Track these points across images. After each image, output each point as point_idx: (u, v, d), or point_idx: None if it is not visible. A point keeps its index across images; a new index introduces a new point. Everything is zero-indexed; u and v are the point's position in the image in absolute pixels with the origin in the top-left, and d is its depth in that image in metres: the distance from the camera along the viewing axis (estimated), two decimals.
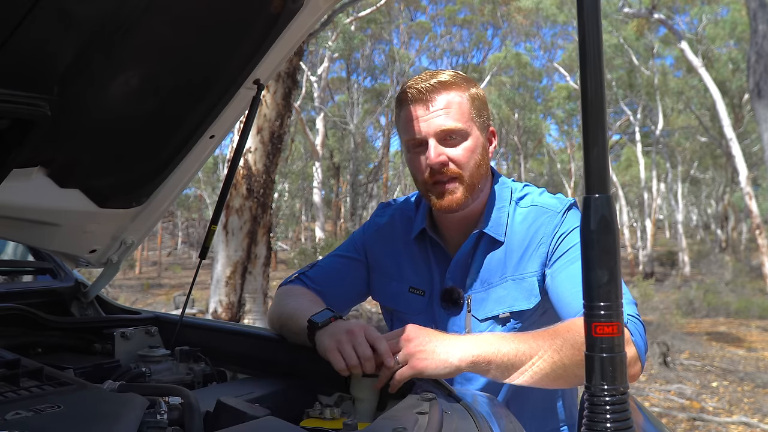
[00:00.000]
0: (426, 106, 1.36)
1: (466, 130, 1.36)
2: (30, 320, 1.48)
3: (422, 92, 1.36)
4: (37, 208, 1.38)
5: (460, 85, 1.39)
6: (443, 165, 1.35)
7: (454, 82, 1.38)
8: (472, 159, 1.37)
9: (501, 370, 1.14)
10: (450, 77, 1.39)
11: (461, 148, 1.36)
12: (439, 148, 1.36)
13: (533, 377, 1.14)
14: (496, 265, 1.40)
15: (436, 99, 1.35)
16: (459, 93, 1.37)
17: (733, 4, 19.35)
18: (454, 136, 1.36)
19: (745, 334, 11.14)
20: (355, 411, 1.17)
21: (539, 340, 1.15)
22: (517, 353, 1.14)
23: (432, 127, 1.35)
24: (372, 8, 19.39)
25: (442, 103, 1.35)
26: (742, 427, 5.80)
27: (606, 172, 0.69)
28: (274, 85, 6.04)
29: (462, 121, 1.36)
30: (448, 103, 1.35)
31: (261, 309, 6.30)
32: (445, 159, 1.35)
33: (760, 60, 7.75)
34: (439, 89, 1.36)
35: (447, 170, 1.36)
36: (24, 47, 1.00)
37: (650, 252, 23.07)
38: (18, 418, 0.84)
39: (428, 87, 1.36)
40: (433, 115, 1.35)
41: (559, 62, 27.24)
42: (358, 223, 24.66)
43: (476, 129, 1.38)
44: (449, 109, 1.35)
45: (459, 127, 1.35)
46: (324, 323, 1.22)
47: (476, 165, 1.38)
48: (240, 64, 1.35)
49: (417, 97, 1.36)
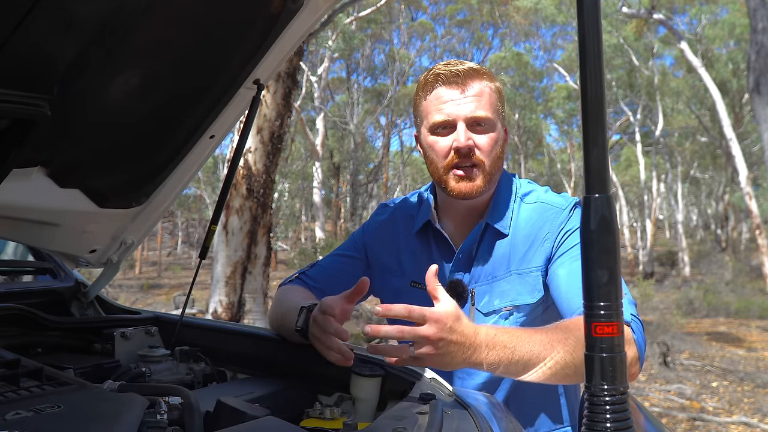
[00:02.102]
0: (461, 89, 1.37)
1: (494, 121, 1.39)
2: (30, 320, 1.48)
3: (457, 75, 1.37)
4: (37, 208, 1.38)
5: (489, 76, 1.41)
6: (471, 149, 1.36)
7: (485, 72, 1.41)
8: (495, 150, 1.39)
9: (512, 372, 1.15)
10: (480, 67, 1.41)
11: (487, 137, 1.38)
12: (468, 132, 1.36)
13: (539, 376, 1.15)
14: (500, 259, 1.41)
15: (471, 84, 1.37)
16: (489, 83, 1.40)
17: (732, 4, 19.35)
18: (483, 124, 1.37)
19: (745, 334, 11.14)
20: (355, 411, 1.18)
21: (553, 341, 1.14)
22: (531, 356, 1.13)
23: (464, 111, 1.36)
24: (372, 8, 19.38)
25: (475, 89, 1.37)
26: (742, 427, 5.80)
27: (606, 172, 0.69)
28: (274, 85, 6.05)
29: (491, 111, 1.38)
30: (480, 90, 1.37)
31: (261, 309, 6.31)
32: (472, 144, 1.36)
33: (759, 58, 7.76)
34: (473, 76, 1.38)
35: (474, 156, 1.37)
36: (24, 47, 1.00)
37: (650, 252, 23.05)
38: (18, 418, 0.84)
39: (464, 71, 1.37)
40: (466, 99, 1.36)
41: (558, 62, 27.24)
42: (358, 223, 24.66)
43: (499, 121, 1.41)
44: (481, 97, 1.37)
45: (488, 117, 1.37)
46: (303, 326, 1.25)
47: (497, 156, 1.40)
48: (240, 64, 1.35)
49: (451, 80, 1.37)
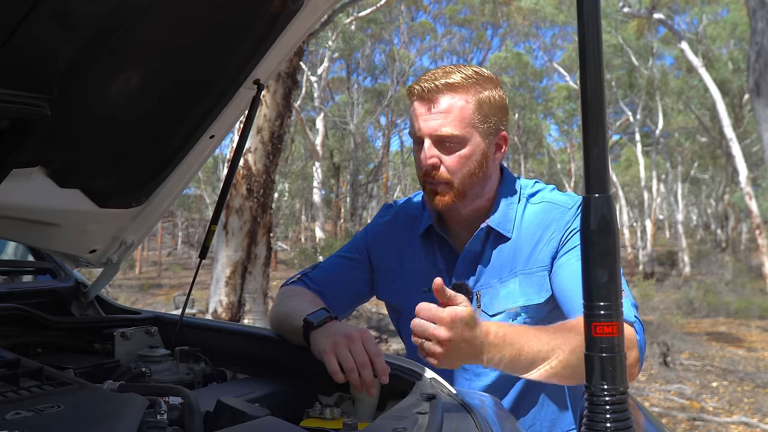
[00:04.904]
0: (427, 107, 1.35)
1: (464, 137, 1.34)
2: (30, 320, 1.48)
3: (426, 92, 1.34)
4: (37, 208, 1.38)
5: (469, 88, 1.34)
6: (434, 167, 1.35)
7: (463, 85, 1.34)
8: (466, 167, 1.35)
9: (517, 369, 1.16)
10: (461, 79, 1.34)
11: (456, 155, 1.35)
12: (433, 150, 1.35)
13: (542, 375, 1.16)
14: (505, 261, 1.40)
15: (439, 101, 1.34)
16: (465, 97, 1.34)
17: (733, 4, 19.34)
18: (449, 142, 1.34)
19: (745, 334, 11.13)
20: (355, 411, 1.17)
21: (557, 340, 1.15)
22: (536, 355, 1.14)
23: (428, 128, 1.34)
24: (372, 8, 19.37)
25: (443, 106, 1.33)
26: (742, 427, 5.80)
27: (606, 172, 0.69)
28: (274, 85, 6.04)
29: (459, 128, 1.33)
30: (449, 106, 1.33)
31: (261, 309, 6.30)
32: (436, 162, 1.35)
33: (759, 59, 7.75)
34: (443, 91, 1.33)
35: (436, 174, 1.35)
36: (24, 47, 1.00)
37: (650, 252, 23.05)
38: (18, 418, 0.84)
39: (432, 87, 1.34)
40: (432, 116, 1.34)
41: (558, 62, 27.21)
42: (358, 223, 24.66)
43: (477, 135, 1.35)
44: (449, 113, 1.33)
45: (454, 134, 1.33)
46: (320, 323, 1.22)
47: (469, 173, 1.36)
48: (240, 64, 1.35)
49: (420, 95, 1.35)
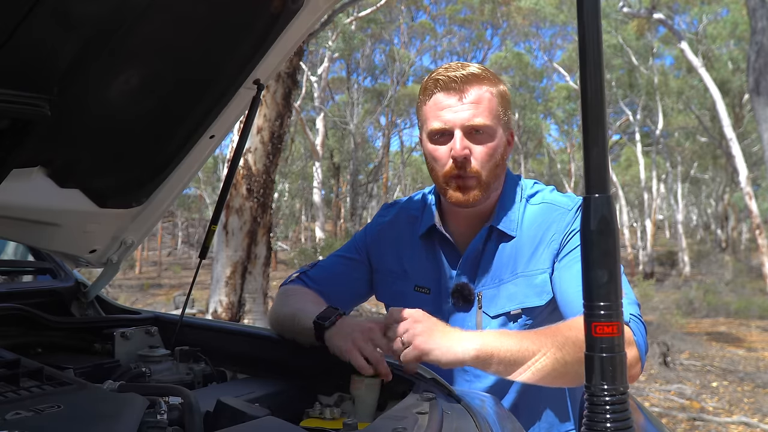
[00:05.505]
0: (458, 96, 1.32)
1: (493, 128, 1.34)
2: (30, 320, 1.48)
3: (455, 81, 1.32)
4: (37, 208, 1.38)
5: (491, 80, 1.35)
6: (467, 159, 1.33)
7: (486, 77, 1.35)
8: (493, 159, 1.35)
9: (504, 365, 1.14)
10: (481, 71, 1.35)
11: (485, 146, 1.34)
12: (465, 141, 1.33)
13: (535, 374, 1.14)
14: (507, 261, 1.39)
15: (469, 91, 1.32)
16: (490, 89, 1.34)
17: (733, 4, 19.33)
18: (481, 132, 1.33)
19: (745, 334, 11.14)
20: (355, 411, 1.17)
21: (543, 338, 1.15)
22: (520, 349, 1.14)
23: (461, 119, 1.32)
24: (372, 8, 19.37)
25: (473, 96, 1.32)
26: (742, 427, 5.80)
27: (606, 172, 0.69)
28: (274, 85, 6.04)
29: (490, 119, 1.33)
30: (479, 97, 1.32)
31: (261, 309, 6.30)
32: (468, 153, 1.33)
33: (759, 58, 7.75)
34: (472, 81, 1.33)
35: (468, 167, 1.33)
36: (24, 47, 1.00)
37: (650, 252, 23.05)
38: (18, 418, 0.84)
39: (461, 77, 1.32)
40: (463, 107, 1.32)
41: (558, 62, 27.21)
42: (358, 223, 24.66)
43: (500, 128, 1.36)
44: (480, 103, 1.32)
45: (487, 124, 1.33)
46: (331, 322, 1.23)
47: (495, 165, 1.36)
48: (240, 64, 1.35)
49: (448, 86, 1.33)
